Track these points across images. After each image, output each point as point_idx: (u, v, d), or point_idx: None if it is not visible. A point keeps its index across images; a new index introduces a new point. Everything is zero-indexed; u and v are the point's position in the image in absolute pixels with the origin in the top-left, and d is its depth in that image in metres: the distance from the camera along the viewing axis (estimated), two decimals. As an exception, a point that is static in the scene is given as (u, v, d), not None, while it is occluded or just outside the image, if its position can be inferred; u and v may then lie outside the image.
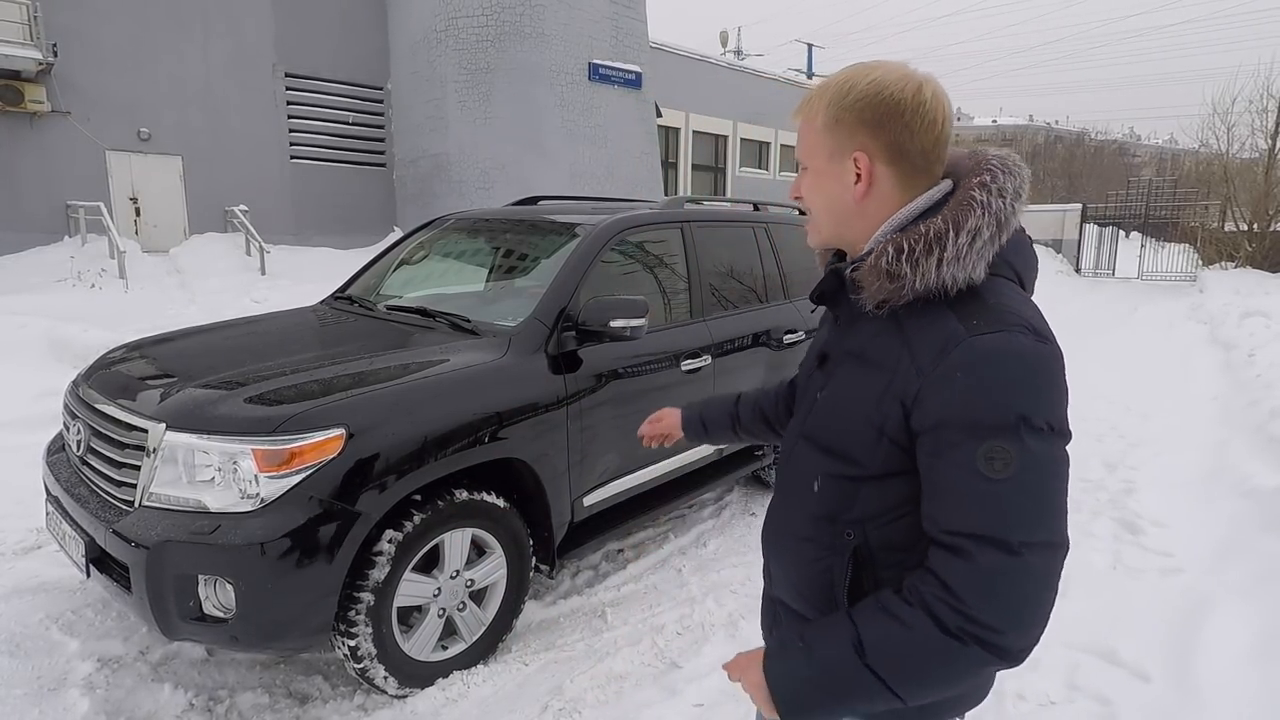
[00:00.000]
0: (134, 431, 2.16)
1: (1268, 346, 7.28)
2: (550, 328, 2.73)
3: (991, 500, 0.81)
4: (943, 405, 0.83)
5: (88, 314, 7.43)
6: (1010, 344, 0.83)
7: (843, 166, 0.95)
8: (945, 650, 0.82)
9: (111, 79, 11.36)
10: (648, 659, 2.61)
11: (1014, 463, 0.80)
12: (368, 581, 2.16)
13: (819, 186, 0.98)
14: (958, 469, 0.82)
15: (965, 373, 0.83)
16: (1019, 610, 0.81)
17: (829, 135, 0.95)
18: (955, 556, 0.82)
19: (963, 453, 0.82)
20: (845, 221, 0.98)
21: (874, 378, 0.92)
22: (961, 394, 0.82)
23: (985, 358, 0.82)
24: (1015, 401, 0.81)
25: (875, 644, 0.85)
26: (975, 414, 0.82)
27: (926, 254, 0.87)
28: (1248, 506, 3.61)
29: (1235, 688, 2.24)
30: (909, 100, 0.90)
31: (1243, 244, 18.81)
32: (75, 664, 2.44)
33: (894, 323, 0.92)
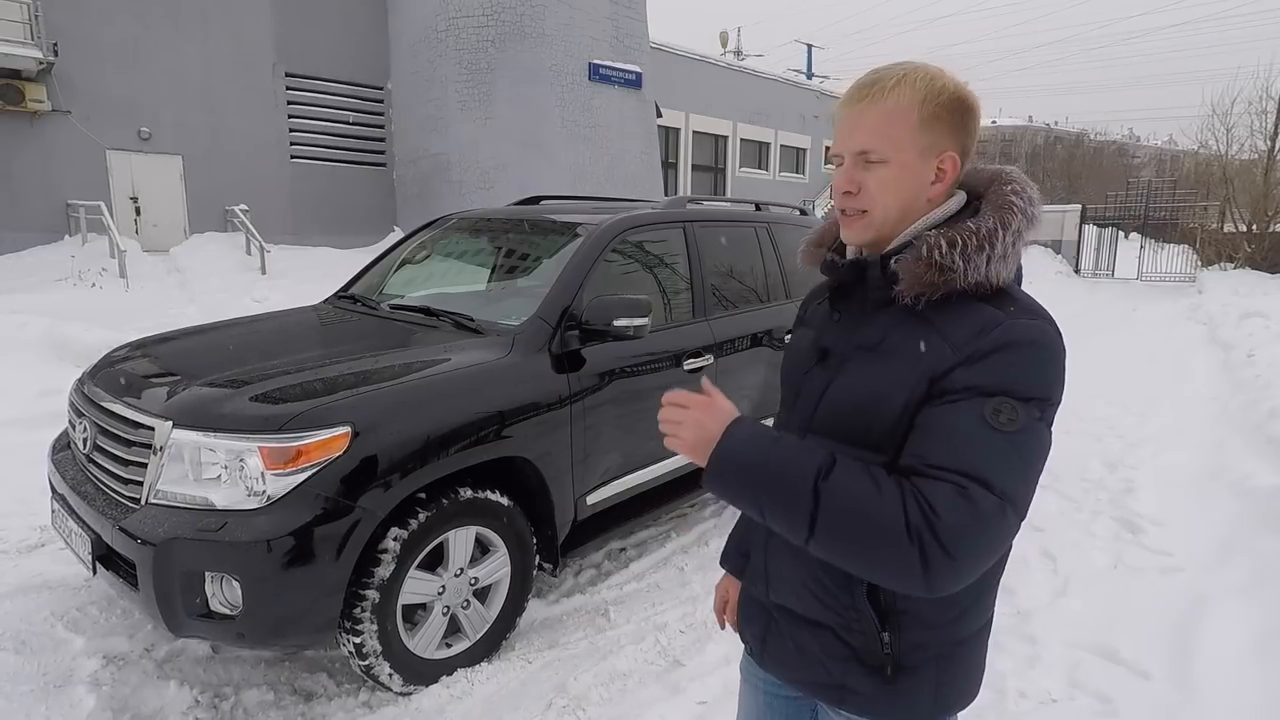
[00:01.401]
0: (141, 429, 2.17)
1: (1267, 347, 7.30)
2: (554, 327, 2.74)
3: (993, 448, 0.85)
4: (977, 374, 0.87)
5: (88, 313, 7.43)
6: (1045, 331, 0.90)
7: (929, 164, 0.96)
8: (888, 532, 0.83)
9: (112, 78, 11.38)
10: (651, 657, 2.62)
11: (1019, 421, 0.85)
12: (373, 579, 2.17)
13: (900, 181, 0.96)
14: (965, 416, 0.86)
15: (1005, 349, 0.88)
16: (975, 548, 0.83)
17: (926, 131, 0.94)
18: (943, 484, 0.84)
19: (975, 405, 0.86)
20: (905, 219, 0.99)
21: (896, 365, 0.94)
22: (998, 365, 0.87)
23: (1026, 338, 0.89)
24: (1043, 380, 0.88)
25: (838, 482, 0.86)
26: (1007, 383, 0.87)
27: (979, 250, 0.92)
28: (1247, 506, 3.63)
29: (1235, 686, 2.25)
30: (976, 102, 0.97)
31: (1242, 245, 18.84)
32: (81, 661, 2.45)
33: (917, 317, 0.95)
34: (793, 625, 1.07)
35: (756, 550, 1.14)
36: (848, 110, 0.97)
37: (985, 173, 1.02)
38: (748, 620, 1.18)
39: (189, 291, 9.61)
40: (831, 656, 1.02)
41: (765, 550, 1.11)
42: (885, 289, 0.97)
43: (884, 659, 0.98)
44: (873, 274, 0.99)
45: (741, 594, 1.23)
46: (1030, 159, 49.45)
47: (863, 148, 0.95)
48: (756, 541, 1.14)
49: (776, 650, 1.11)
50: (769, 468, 0.89)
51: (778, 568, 1.09)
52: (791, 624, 1.08)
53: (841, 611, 1.00)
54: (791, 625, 1.08)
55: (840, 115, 0.98)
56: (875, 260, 0.99)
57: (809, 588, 1.04)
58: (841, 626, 1.01)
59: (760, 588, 1.13)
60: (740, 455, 0.91)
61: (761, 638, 1.14)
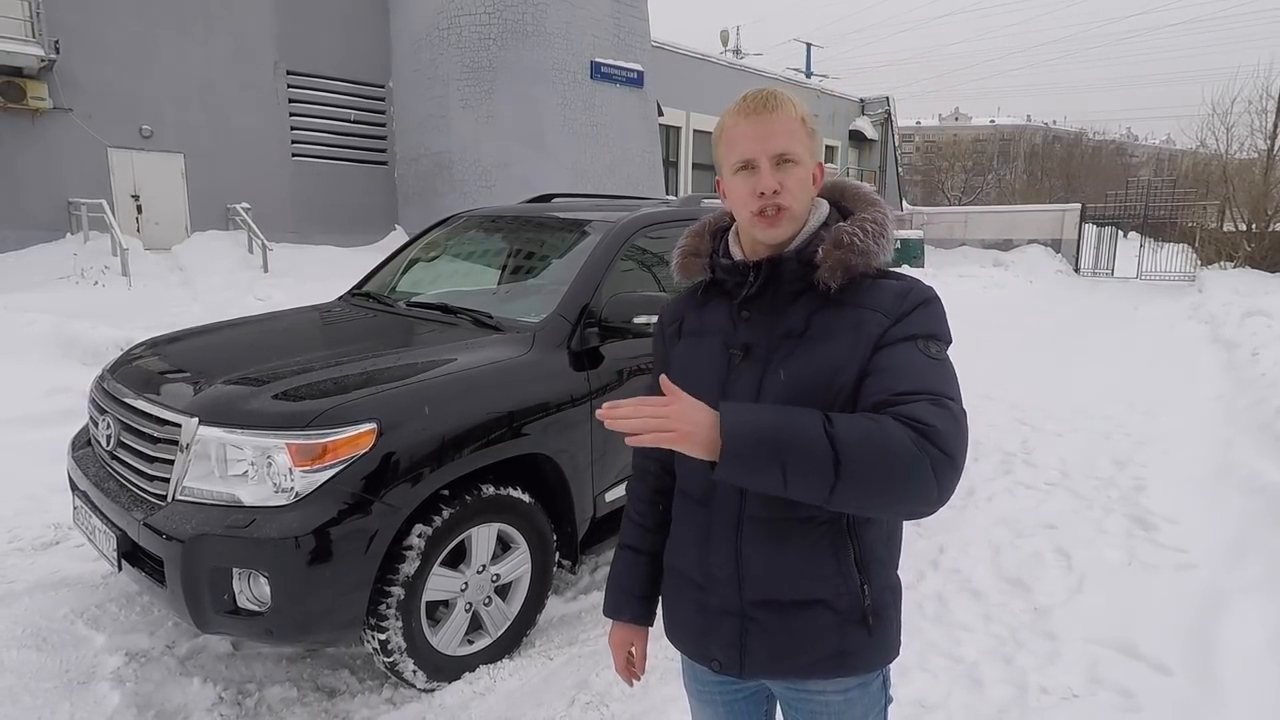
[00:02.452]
0: (167, 426, 2.17)
1: (1271, 346, 7.31)
2: (573, 324, 2.74)
3: (937, 373, 1.02)
4: (908, 326, 1.05)
5: (92, 311, 7.42)
6: (933, 291, 1.11)
7: (812, 168, 1.11)
8: (905, 454, 0.92)
9: (113, 76, 11.34)
10: (670, 653, 2.61)
11: (942, 356, 1.05)
12: (398, 576, 2.18)
13: (808, 180, 1.10)
14: (910, 353, 1.03)
15: (922, 305, 1.07)
16: (961, 448, 0.97)
17: (810, 140, 1.09)
18: (916, 403, 0.97)
19: (912, 346, 1.04)
20: (804, 216, 1.12)
21: (836, 344, 1.06)
22: (921, 317, 1.06)
23: (929, 296, 1.09)
24: (946, 324, 1.09)
25: (845, 427, 0.93)
26: (930, 328, 1.06)
27: (880, 236, 1.10)
28: (1258, 503, 3.64)
29: (1256, 681, 2.26)
30: None
31: (1241, 244, 18.89)
32: (103, 658, 2.45)
33: (832, 301, 1.08)
34: (779, 615, 1.09)
35: (716, 563, 1.12)
36: (755, 120, 1.07)
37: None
38: (706, 636, 1.15)
39: (192, 290, 9.59)
40: (826, 628, 1.08)
41: (735, 553, 1.10)
42: (801, 280, 1.09)
43: (865, 611, 1.08)
44: (789, 267, 1.09)
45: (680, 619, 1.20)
46: (1029, 158, 49.52)
47: (781, 150, 1.06)
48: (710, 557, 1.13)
49: (762, 649, 1.11)
50: (781, 430, 0.92)
51: (754, 567, 1.09)
52: (778, 615, 1.09)
53: (831, 581, 1.07)
54: (778, 616, 1.09)
55: (743, 125, 1.07)
56: (791, 255, 1.09)
57: (799, 570, 1.08)
58: (833, 596, 1.08)
59: (727, 593, 1.12)
60: (753, 426, 0.92)
61: (738, 645, 1.12)
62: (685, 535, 1.18)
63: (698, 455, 0.92)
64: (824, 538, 1.07)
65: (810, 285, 1.09)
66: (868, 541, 1.09)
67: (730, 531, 1.10)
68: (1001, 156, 50.68)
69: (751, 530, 1.09)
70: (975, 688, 2.37)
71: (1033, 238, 19.53)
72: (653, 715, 2.27)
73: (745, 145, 1.06)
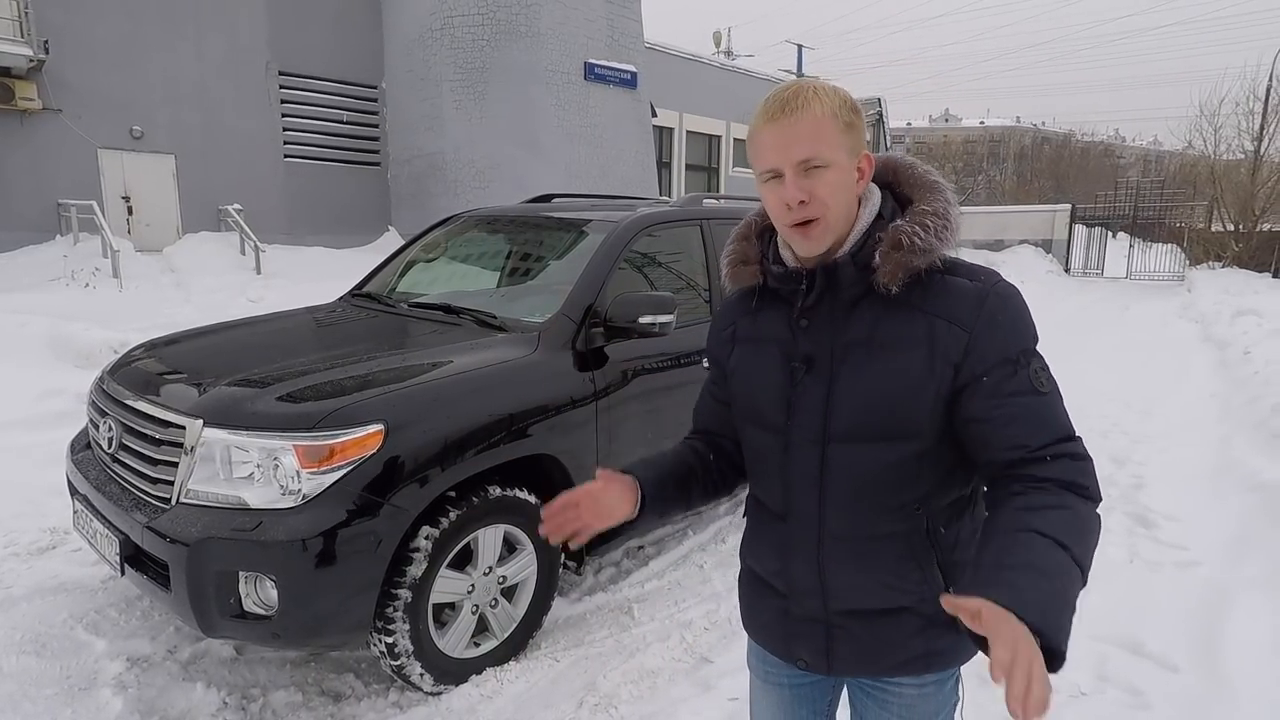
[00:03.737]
0: (170, 428, 2.14)
1: (1263, 344, 7.39)
2: (578, 324, 2.73)
3: (1057, 409, 0.99)
4: (994, 345, 0.98)
5: (84, 313, 7.34)
6: (1012, 286, 1.02)
7: (852, 164, 1.01)
8: (1094, 517, 0.94)
9: (103, 76, 11.24)
10: (678, 654, 2.62)
11: (1045, 374, 1.00)
12: (405, 578, 2.16)
13: (842, 183, 1.00)
14: (1025, 395, 0.98)
15: (1004, 314, 0.99)
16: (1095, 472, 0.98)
17: (847, 136, 1.00)
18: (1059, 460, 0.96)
19: (1021, 381, 0.98)
20: (850, 217, 1.04)
21: (907, 354, 0.99)
22: (1007, 331, 0.99)
23: (1009, 298, 1.01)
24: (1031, 326, 1.02)
25: (1066, 534, 0.89)
26: (1017, 345, 0.99)
27: (944, 229, 1.01)
28: (1257, 500, 3.67)
29: (1263, 677, 2.28)
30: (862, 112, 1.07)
31: (1229, 244, 19.06)
32: (104, 663, 2.42)
33: (900, 304, 1.01)
34: (866, 623, 1.09)
35: (799, 575, 1.11)
36: (778, 124, 0.98)
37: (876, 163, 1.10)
38: (792, 640, 1.15)
39: (184, 291, 9.51)
40: (913, 633, 1.08)
41: (817, 568, 1.09)
42: (859, 284, 1.02)
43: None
44: (846, 272, 1.02)
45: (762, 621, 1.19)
46: (1018, 159, 49.85)
47: (805, 156, 0.98)
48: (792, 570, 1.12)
49: (850, 653, 1.11)
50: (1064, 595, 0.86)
51: (838, 581, 1.09)
52: (864, 623, 1.09)
53: (917, 589, 1.06)
54: (865, 624, 1.09)
55: (767, 131, 1.00)
56: (846, 259, 1.02)
57: (884, 583, 1.07)
58: (918, 602, 1.06)
59: (812, 603, 1.11)
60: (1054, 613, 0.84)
61: (825, 650, 1.12)
62: (763, 544, 1.17)
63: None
64: (906, 550, 1.05)
65: (871, 288, 1.01)
66: (948, 544, 1.07)
67: (812, 548, 1.09)
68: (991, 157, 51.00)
69: (833, 547, 1.07)
70: (983, 686, 2.37)
71: (1024, 238, 19.65)
72: (662, 716, 2.26)
73: (769, 153, 1.00)
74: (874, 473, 1.02)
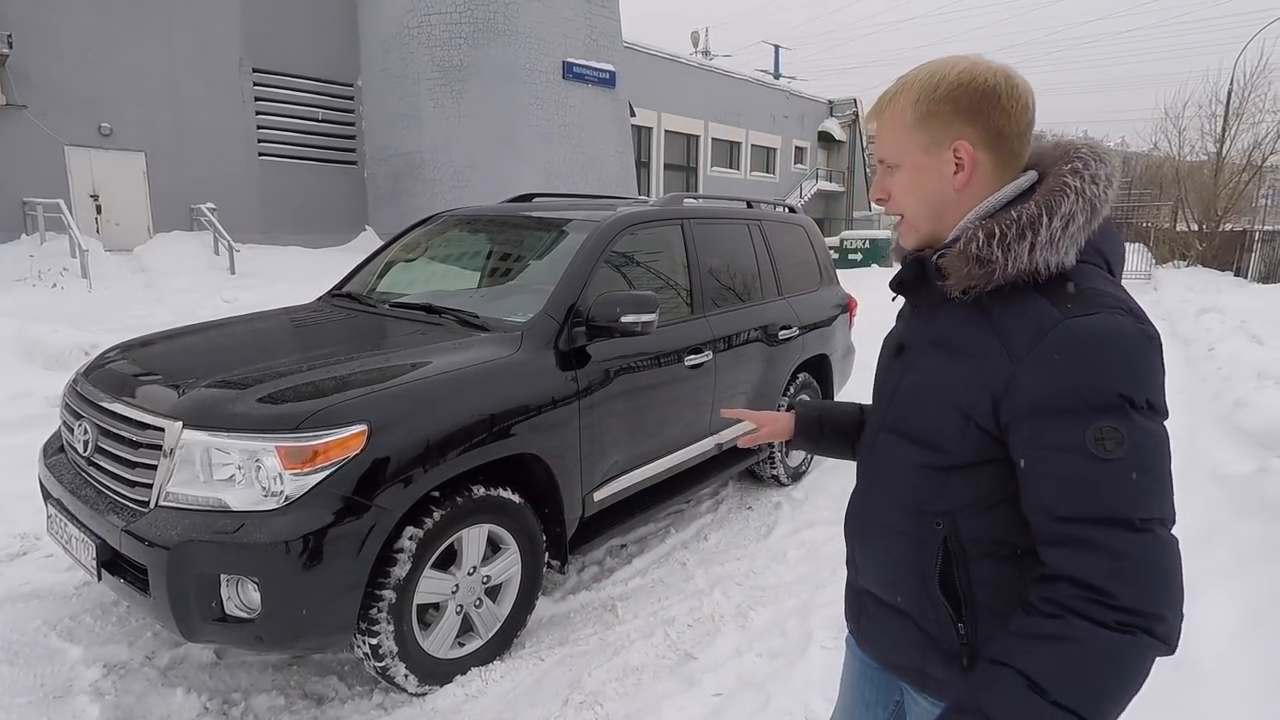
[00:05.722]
0: (148, 430, 2.11)
1: (1225, 341, 7.59)
2: (561, 323, 2.74)
3: (1109, 480, 0.80)
4: (1040, 388, 0.83)
5: (53, 314, 7.19)
6: (1109, 324, 0.83)
7: (940, 158, 0.95)
8: (1116, 649, 0.77)
9: (70, 72, 11.00)
10: (662, 651, 2.64)
11: (1125, 441, 0.79)
12: (389, 579, 2.15)
13: (916, 182, 0.97)
14: (1067, 453, 0.81)
15: (1064, 355, 0.82)
16: (1163, 586, 0.79)
17: (922, 129, 0.95)
18: (1082, 549, 0.80)
19: (1070, 435, 0.81)
20: (943, 214, 0.98)
21: (959, 365, 0.92)
22: (1061, 376, 0.82)
23: (1085, 338, 0.82)
24: (1118, 381, 0.81)
25: (1049, 675, 0.79)
26: (1077, 395, 0.81)
27: (1019, 239, 0.88)
28: (1222, 493, 3.78)
29: (1231, 662, 2.35)
30: (1003, 85, 0.92)
31: (1194, 243, 19.55)
32: (80, 671, 2.38)
33: (979, 310, 0.92)
34: (879, 610, 1.09)
35: (850, 535, 1.16)
36: (873, 125, 1.02)
37: (1049, 147, 0.97)
38: (847, 601, 1.22)
39: (156, 291, 9.35)
40: (912, 643, 1.02)
41: (858, 537, 1.13)
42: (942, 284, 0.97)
43: (960, 648, 0.96)
44: (929, 269, 0.98)
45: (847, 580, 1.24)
46: (991, 160, 50.56)
47: (881, 157, 0.99)
48: (851, 526, 1.16)
49: (868, 632, 1.14)
50: None
51: (864, 556, 1.11)
52: (878, 609, 1.09)
53: (917, 601, 1.00)
54: (879, 610, 1.10)
55: None
56: (928, 256, 0.98)
57: (888, 577, 1.06)
58: (919, 615, 1.01)
59: (853, 572, 1.17)
60: None
61: (856, 619, 1.17)
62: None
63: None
64: (914, 557, 0.99)
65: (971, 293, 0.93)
66: (964, 576, 0.95)
67: (857, 520, 1.13)
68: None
69: (865, 524, 1.10)
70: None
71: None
72: (647, 713, 2.28)
73: None
74: (901, 469, 1.01)
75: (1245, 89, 19.83)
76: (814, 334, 4.28)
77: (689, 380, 3.30)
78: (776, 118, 27.44)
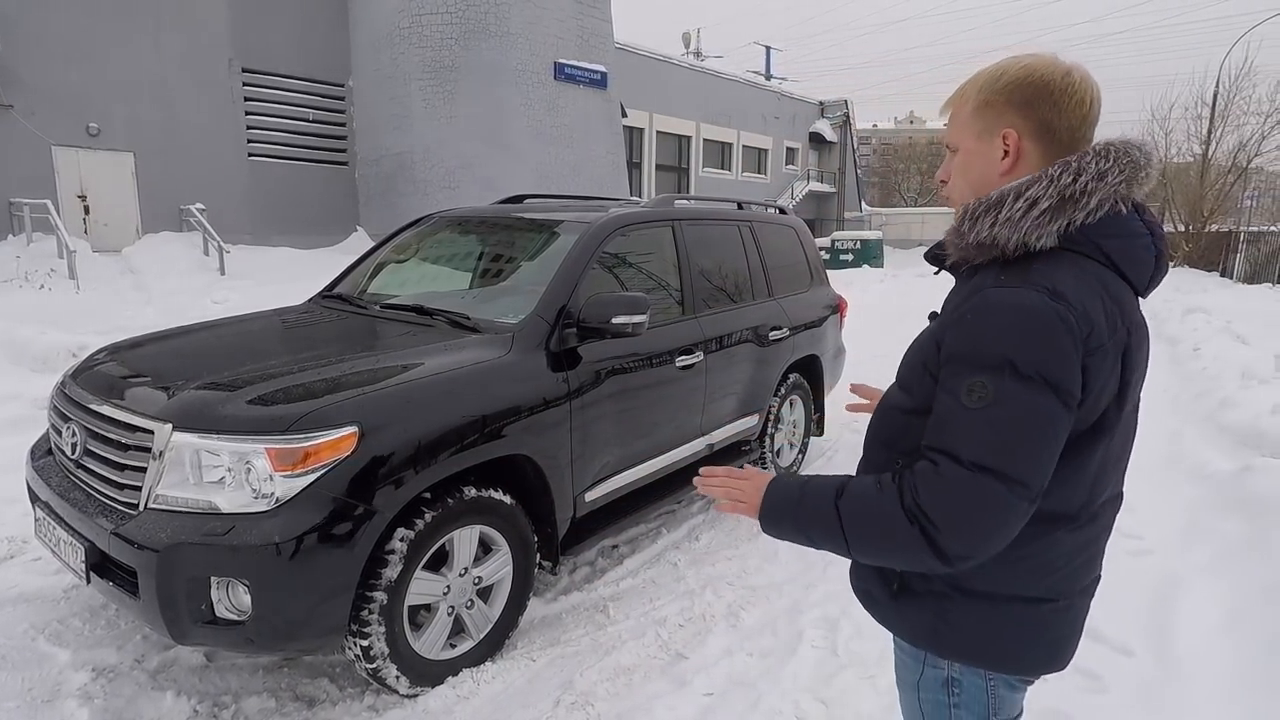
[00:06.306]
0: (137, 433, 2.11)
1: (1211, 341, 7.68)
2: (552, 325, 2.75)
3: (963, 424, 0.94)
4: (952, 342, 0.98)
5: (40, 315, 7.13)
6: (1019, 297, 0.93)
7: (991, 144, 1.04)
8: (893, 520, 0.96)
9: (58, 71, 10.92)
10: (653, 651, 2.65)
11: (988, 398, 0.92)
12: (380, 580, 2.15)
13: (968, 165, 1.07)
14: (949, 396, 0.96)
15: (974, 316, 0.96)
16: (956, 516, 0.93)
17: (978, 117, 1.04)
18: (929, 465, 0.96)
19: (954, 383, 0.96)
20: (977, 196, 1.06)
21: (935, 325, 1.07)
22: (965, 333, 0.96)
23: (993, 305, 0.95)
24: (1004, 345, 0.92)
25: (850, 495, 1.02)
26: (972, 351, 0.95)
27: (985, 214, 1.00)
28: (1205, 491, 3.83)
29: (1212, 658, 2.39)
30: (1058, 81, 0.99)
31: (1180, 244, 19.72)
32: (68, 674, 2.37)
33: (966, 280, 1.07)
34: None
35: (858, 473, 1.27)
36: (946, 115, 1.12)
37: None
38: None
39: (144, 293, 9.29)
40: (866, 569, 1.19)
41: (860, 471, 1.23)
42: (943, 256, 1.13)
43: (894, 577, 1.13)
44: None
45: None
46: (981, 161, 50.86)
47: (947, 142, 1.11)
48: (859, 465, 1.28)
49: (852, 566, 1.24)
50: (800, 503, 1.06)
51: None
52: None
53: None
54: None
55: None
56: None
57: None
58: None
59: None
60: (778, 499, 1.09)
61: None
62: None
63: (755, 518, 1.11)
64: None
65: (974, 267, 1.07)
66: None
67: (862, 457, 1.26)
68: (955, 159, 51.93)
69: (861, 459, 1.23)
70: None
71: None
72: (638, 713, 2.29)
73: None
74: (887, 410, 1.15)
75: (1230, 91, 20.06)
76: (804, 334, 4.31)
77: (680, 381, 3.32)
78: (768, 119, 27.52)
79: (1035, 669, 1.12)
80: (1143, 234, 1.03)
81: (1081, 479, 1.01)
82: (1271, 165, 22.38)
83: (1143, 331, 1.06)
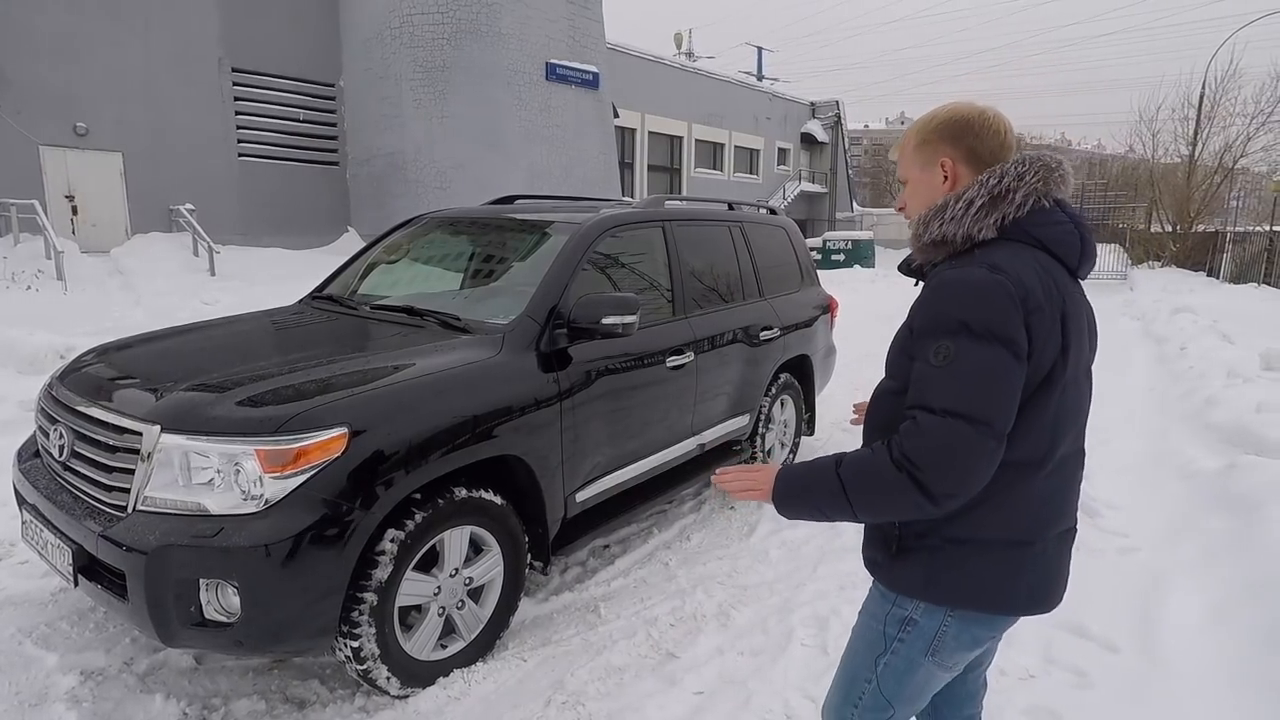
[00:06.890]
0: (126, 434, 2.10)
1: (1197, 340, 7.75)
2: (542, 325, 2.75)
3: (933, 381, 1.13)
4: (918, 318, 1.19)
5: (28, 316, 7.07)
6: (966, 273, 1.16)
7: (932, 172, 1.30)
8: (885, 472, 1.13)
9: (45, 71, 10.83)
10: (644, 651, 2.66)
11: (950, 355, 1.12)
12: (370, 581, 2.15)
13: (917, 190, 1.32)
14: (921, 363, 1.16)
15: (932, 293, 1.18)
16: (935, 457, 1.10)
17: (919, 153, 1.31)
18: (910, 421, 1.14)
19: (924, 350, 1.16)
20: None
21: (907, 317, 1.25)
22: (927, 308, 1.18)
23: (947, 281, 1.17)
24: (957, 309, 1.13)
25: (848, 462, 1.20)
26: (934, 321, 1.16)
27: (935, 217, 1.25)
28: (1191, 489, 3.87)
29: (1196, 654, 2.41)
30: (976, 117, 1.28)
31: (1168, 244, 19.89)
32: (56, 678, 2.35)
33: None
34: None
35: None
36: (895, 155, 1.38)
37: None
38: None
39: (134, 294, 9.22)
40: (871, 539, 1.36)
41: None
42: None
43: (893, 540, 1.29)
44: None
45: None
46: (971, 162, 51.09)
47: (900, 177, 1.36)
48: None
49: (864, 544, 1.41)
50: (807, 479, 1.24)
51: None
52: None
53: None
54: None
55: None
56: None
57: None
58: None
59: None
60: (788, 480, 1.27)
61: None
62: None
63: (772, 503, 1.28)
64: None
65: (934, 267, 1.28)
66: None
67: None
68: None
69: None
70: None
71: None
72: (629, 712, 2.30)
73: None
74: (879, 397, 1.32)
75: (1217, 93, 20.25)
76: (795, 334, 4.32)
77: (671, 381, 3.33)
78: (760, 119, 27.56)
79: (1016, 608, 1.28)
80: (1065, 221, 1.25)
81: (1041, 428, 1.18)
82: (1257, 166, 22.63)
83: (1082, 306, 1.24)
